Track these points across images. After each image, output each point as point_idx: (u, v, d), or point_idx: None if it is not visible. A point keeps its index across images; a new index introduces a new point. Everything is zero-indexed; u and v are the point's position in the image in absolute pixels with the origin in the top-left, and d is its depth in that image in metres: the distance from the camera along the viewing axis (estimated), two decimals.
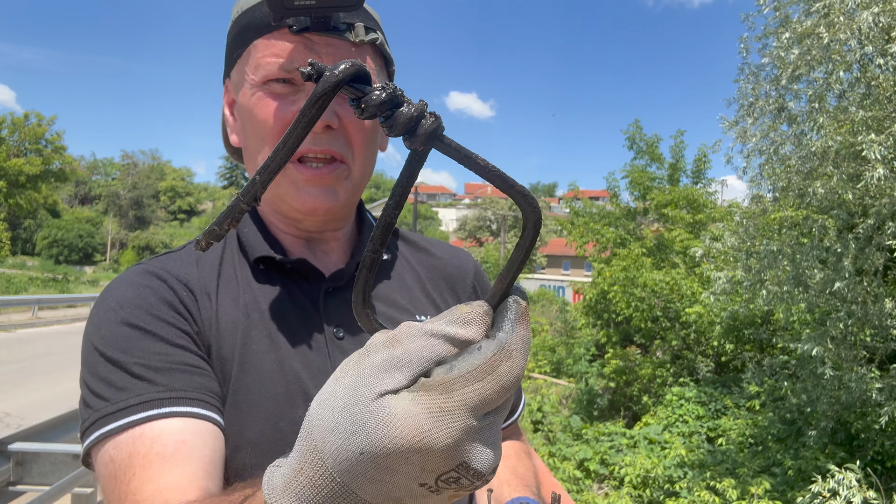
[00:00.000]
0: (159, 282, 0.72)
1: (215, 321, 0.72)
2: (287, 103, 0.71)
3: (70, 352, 12.03)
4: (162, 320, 0.68)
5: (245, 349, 0.72)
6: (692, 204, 10.88)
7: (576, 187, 13.10)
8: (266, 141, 0.72)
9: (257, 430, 0.69)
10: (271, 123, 0.71)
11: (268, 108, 0.71)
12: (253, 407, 0.69)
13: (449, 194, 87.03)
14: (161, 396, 0.62)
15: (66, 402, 7.27)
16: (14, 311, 17.53)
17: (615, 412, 10.07)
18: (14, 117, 26.74)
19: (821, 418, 5.25)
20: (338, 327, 0.76)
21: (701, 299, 8.95)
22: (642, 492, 6.29)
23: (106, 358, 0.65)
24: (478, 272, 0.94)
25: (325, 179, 0.73)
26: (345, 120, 0.73)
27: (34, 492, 2.78)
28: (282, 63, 0.70)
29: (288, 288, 0.77)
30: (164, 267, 0.75)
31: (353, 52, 0.71)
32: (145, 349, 0.65)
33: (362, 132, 0.74)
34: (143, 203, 64.25)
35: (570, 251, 12.94)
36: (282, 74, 0.70)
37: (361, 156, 0.75)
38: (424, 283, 0.87)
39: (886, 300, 4.42)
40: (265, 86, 0.72)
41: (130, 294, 0.70)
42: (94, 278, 38.17)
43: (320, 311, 0.76)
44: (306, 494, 0.37)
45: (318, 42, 0.69)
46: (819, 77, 4.61)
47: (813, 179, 4.53)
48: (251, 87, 0.73)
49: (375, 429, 0.35)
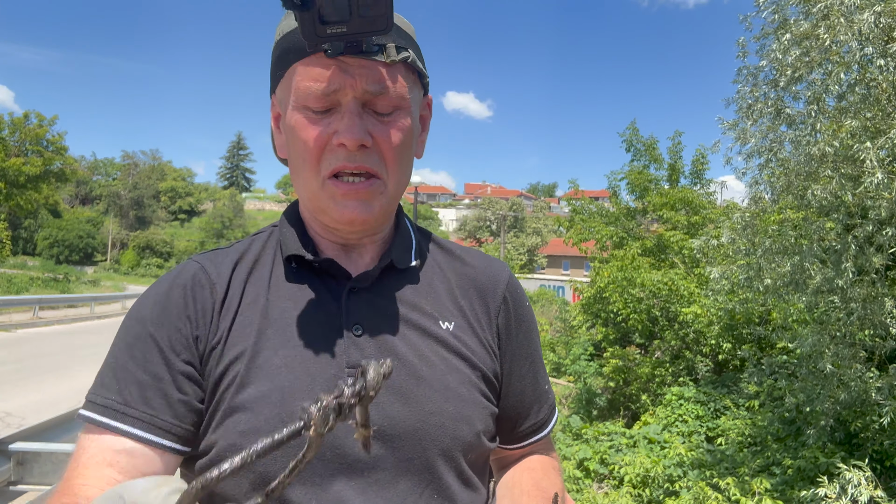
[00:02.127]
0: (187, 290, 0.80)
1: (231, 323, 0.79)
2: (324, 126, 0.75)
3: (71, 351, 12.04)
4: (162, 347, 0.76)
5: (256, 347, 0.77)
6: (689, 205, 10.89)
7: (576, 186, 13.10)
8: (307, 161, 0.77)
9: (260, 419, 0.73)
10: (311, 146, 0.76)
11: (307, 132, 0.76)
12: (255, 401, 0.74)
13: (449, 194, 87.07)
14: (122, 410, 0.74)
15: (67, 402, 7.28)
16: (15, 311, 17.55)
17: (615, 412, 10.09)
18: (14, 118, 26.74)
19: (820, 417, 5.26)
20: (357, 325, 0.79)
21: (697, 299, 8.97)
22: (642, 491, 6.30)
23: (111, 350, 0.79)
24: (511, 283, 0.94)
25: (361, 194, 0.77)
26: (378, 138, 0.76)
27: (35, 491, 2.79)
28: (319, 87, 0.73)
29: (316, 286, 0.82)
30: (206, 264, 0.84)
31: (385, 72, 0.74)
32: (130, 358, 0.76)
33: (396, 149, 0.78)
34: (144, 203, 64.29)
35: (569, 251, 12.96)
36: (319, 101, 0.75)
37: (396, 171, 0.79)
38: (454, 290, 0.88)
39: (886, 299, 4.43)
40: (304, 109, 0.76)
41: (150, 303, 0.80)
42: (94, 278, 38.18)
43: (342, 309, 0.80)
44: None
45: (352, 65, 0.73)
46: (818, 79, 4.61)
47: (812, 181, 4.53)
48: (292, 108, 0.77)
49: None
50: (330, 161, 0.75)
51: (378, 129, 0.75)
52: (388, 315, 0.81)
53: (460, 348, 0.83)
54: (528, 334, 0.93)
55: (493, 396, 0.86)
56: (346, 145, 0.73)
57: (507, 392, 0.89)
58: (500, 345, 0.89)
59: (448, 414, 0.78)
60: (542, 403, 0.94)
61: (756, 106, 4.96)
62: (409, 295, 0.84)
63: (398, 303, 0.83)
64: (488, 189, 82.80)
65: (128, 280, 46.33)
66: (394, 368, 0.73)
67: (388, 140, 0.76)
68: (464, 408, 0.80)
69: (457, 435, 0.78)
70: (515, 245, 48.14)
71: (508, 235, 42.74)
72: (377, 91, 0.74)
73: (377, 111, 0.76)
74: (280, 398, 0.74)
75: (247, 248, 0.87)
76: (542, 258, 47.95)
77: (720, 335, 8.60)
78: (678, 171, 11.72)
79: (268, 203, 75.93)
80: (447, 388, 0.79)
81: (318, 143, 0.75)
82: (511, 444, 0.93)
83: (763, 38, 5.01)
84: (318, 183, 0.77)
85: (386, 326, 0.80)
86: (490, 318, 0.88)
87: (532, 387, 0.92)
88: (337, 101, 0.74)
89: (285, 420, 0.73)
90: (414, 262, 0.87)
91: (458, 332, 0.84)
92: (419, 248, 0.90)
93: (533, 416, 0.92)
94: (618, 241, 11.22)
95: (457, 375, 0.81)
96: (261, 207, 73.94)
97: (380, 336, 0.79)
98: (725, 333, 8.60)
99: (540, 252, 48.18)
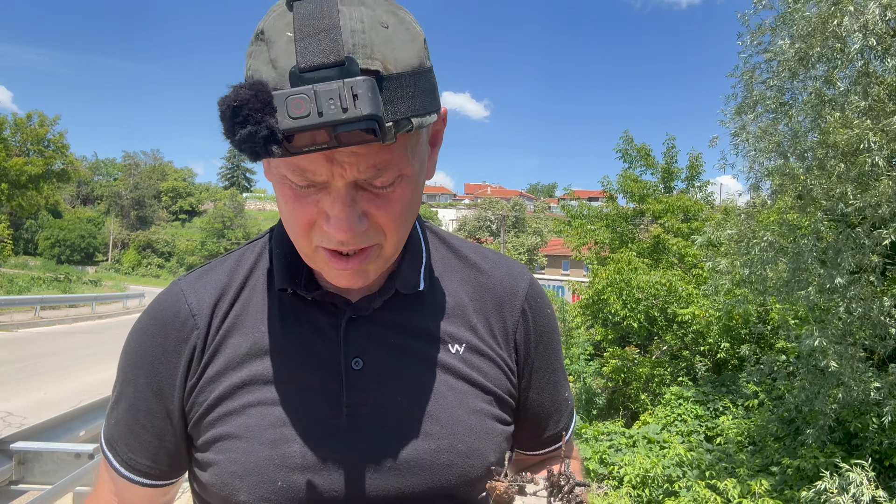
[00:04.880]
0: (168, 328, 0.77)
1: (214, 357, 0.76)
2: (311, 202, 0.63)
3: (72, 351, 12.06)
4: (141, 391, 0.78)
5: (247, 383, 0.73)
6: (687, 212, 10.95)
7: (571, 191, 13.31)
8: (294, 229, 0.67)
9: (251, 460, 0.71)
10: (299, 222, 0.65)
11: (291, 205, 0.65)
12: (247, 439, 0.72)
13: (449, 194, 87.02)
14: (113, 446, 0.80)
15: (68, 402, 7.29)
16: (16, 311, 17.57)
17: (614, 411, 10.10)
18: (17, 118, 26.78)
19: (819, 417, 5.26)
20: (357, 358, 0.74)
21: (695, 300, 8.99)
22: (641, 491, 6.30)
23: (116, 381, 0.82)
24: (531, 293, 0.86)
25: (356, 266, 0.67)
26: (375, 214, 0.64)
27: (36, 490, 2.79)
28: (299, 178, 0.61)
29: (312, 316, 0.76)
30: (188, 293, 0.79)
31: (382, 154, 0.60)
32: (120, 398, 0.80)
33: (396, 219, 0.66)
34: (145, 203, 64.31)
35: (569, 252, 12.97)
36: (303, 181, 0.62)
37: (396, 234, 0.68)
38: (466, 308, 0.82)
39: (885, 298, 4.43)
40: (286, 179, 0.63)
41: (134, 341, 0.80)
42: (95, 278, 38.21)
43: (340, 340, 0.74)
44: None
45: (340, 152, 0.58)
46: (819, 75, 4.60)
47: (812, 177, 4.53)
48: (273, 174, 0.65)
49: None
50: (321, 239, 0.65)
51: (375, 205, 0.64)
52: (391, 345, 0.75)
53: (470, 374, 0.77)
54: (548, 345, 0.87)
55: (510, 415, 0.82)
56: (338, 238, 0.63)
57: (525, 405, 0.85)
58: (519, 360, 0.83)
59: (458, 451, 0.74)
60: (561, 413, 0.90)
61: (754, 99, 4.95)
62: (414, 320, 0.78)
63: (402, 330, 0.77)
64: (488, 189, 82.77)
65: (129, 280, 46.36)
66: (398, 405, 0.74)
67: (388, 214, 0.65)
68: (475, 441, 0.75)
69: (466, 471, 0.74)
70: (515, 245, 48.12)
71: (508, 235, 42.69)
72: (372, 177, 0.61)
73: (374, 185, 0.62)
74: (272, 439, 0.71)
75: (235, 268, 0.80)
76: (542, 258, 47.93)
77: (719, 335, 8.62)
78: (673, 175, 11.81)
79: (268, 203, 75.90)
80: (457, 422, 0.75)
81: (307, 218, 0.65)
82: (530, 451, 0.91)
83: (761, 35, 5.00)
84: (311, 249, 0.67)
85: (389, 359, 0.75)
86: (507, 334, 0.83)
87: (552, 397, 0.88)
88: (325, 180, 0.61)
89: (277, 463, 0.70)
90: (422, 286, 0.79)
91: (467, 356, 0.78)
92: (429, 266, 0.82)
93: (552, 426, 0.89)
94: (616, 245, 11.29)
95: (467, 406, 0.76)
96: (261, 207, 73.94)
97: (381, 370, 0.74)
98: (724, 333, 8.62)
99: (540, 252, 48.16)
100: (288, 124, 0.51)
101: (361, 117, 0.51)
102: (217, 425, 0.73)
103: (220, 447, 0.72)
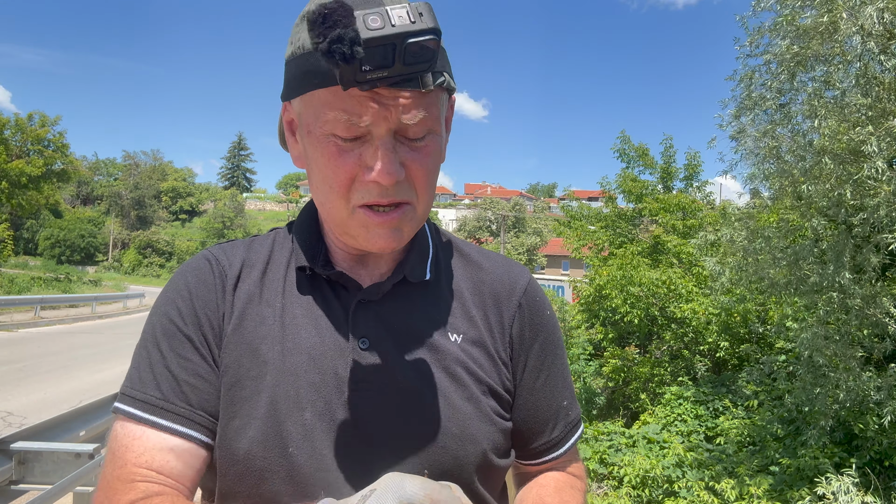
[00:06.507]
0: (206, 278, 0.81)
1: (243, 312, 0.80)
2: (353, 157, 0.70)
3: (72, 351, 12.06)
4: (187, 334, 0.78)
5: (266, 347, 0.77)
6: (685, 210, 10.97)
7: (570, 192, 13.37)
8: (334, 189, 0.72)
9: (258, 428, 0.74)
10: (340, 177, 0.71)
11: (335, 162, 0.71)
12: (261, 407, 0.75)
13: (449, 194, 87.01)
14: (163, 406, 0.75)
15: (68, 402, 7.29)
16: (17, 311, 17.59)
17: (614, 411, 10.10)
18: (18, 118, 26.78)
19: (819, 417, 5.26)
20: (363, 338, 0.78)
21: (696, 298, 8.99)
22: (641, 491, 6.31)
23: (143, 342, 0.80)
24: (529, 291, 0.90)
25: (394, 222, 0.74)
26: (411, 167, 0.72)
27: (36, 491, 2.79)
28: (349, 120, 0.68)
29: (326, 296, 0.81)
30: (219, 255, 0.85)
31: (421, 101, 0.69)
32: (165, 353, 0.77)
33: (427, 175, 0.74)
34: (145, 203, 64.32)
35: (568, 252, 12.99)
36: (348, 131, 0.69)
37: (426, 194, 0.76)
38: (466, 300, 0.86)
39: (884, 298, 4.43)
40: (331, 136, 0.70)
41: (174, 295, 0.81)
42: (96, 278, 38.21)
43: (349, 321, 0.79)
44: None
45: (386, 96, 0.67)
46: (818, 76, 4.60)
47: (811, 179, 4.52)
48: (317, 134, 0.71)
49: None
50: (361, 194, 0.71)
51: (410, 158, 0.71)
52: (395, 329, 0.80)
53: (467, 362, 0.81)
54: (544, 345, 0.88)
55: (505, 410, 0.84)
56: (382, 184, 0.70)
57: (517, 404, 0.86)
58: (513, 355, 0.86)
59: (452, 434, 0.77)
60: (557, 421, 0.89)
61: (752, 100, 4.95)
62: (419, 308, 0.83)
63: (407, 316, 0.81)
64: (488, 189, 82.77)
65: (129, 280, 46.37)
66: (398, 385, 0.76)
67: (421, 168, 0.73)
68: (469, 426, 0.78)
69: (460, 455, 0.77)
70: (515, 245, 48.13)
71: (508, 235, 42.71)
72: (412, 121, 0.69)
73: (409, 137, 0.71)
74: (285, 407, 0.74)
75: (259, 248, 0.87)
76: (541, 258, 47.94)
77: (718, 333, 8.63)
78: (672, 174, 11.83)
79: (269, 203, 75.96)
80: (452, 406, 0.78)
81: (348, 174, 0.71)
82: (527, 461, 0.91)
83: (759, 36, 5.00)
84: (348, 211, 0.73)
85: (392, 341, 0.79)
86: (504, 328, 0.86)
87: (546, 402, 0.88)
88: (368, 130, 0.69)
89: (290, 428, 0.74)
90: (428, 276, 0.85)
91: (465, 345, 0.82)
92: (435, 259, 0.87)
93: (546, 433, 0.88)
94: (617, 245, 11.32)
95: (463, 392, 0.79)
96: (261, 207, 73.97)
97: (384, 350, 0.78)
98: (723, 332, 8.62)
99: (539, 252, 48.17)
100: (367, 34, 0.58)
101: (428, 28, 0.60)
102: (234, 387, 0.76)
103: (232, 411, 0.75)
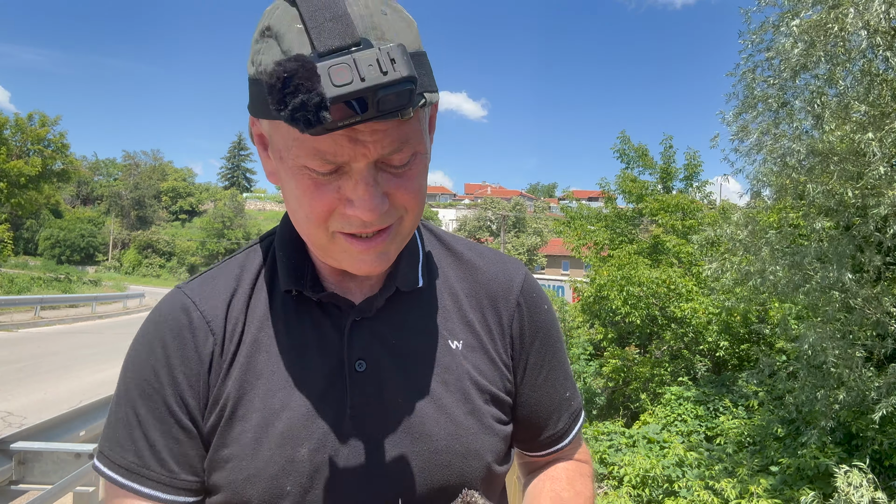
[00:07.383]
0: (184, 335, 0.76)
1: (230, 364, 0.76)
2: (332, 189, 0.64)
3: (72, 352, 12.06)
4: (163, 397, 0.74)
5: (256, 387, 0.74)
6: (684, 210, 10.97)
7: (570, 192, 13.42)
8: (311, 219, 0.66)
9: (260, 463, 0.72)
10: (318, 211, 0.65)
11: (310, 195, 0.64)
12: (255, 443, 0.73)
13: (449, 194, 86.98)
14: (140, 473, 0.73)
15: (68, 402, 7.29)
16: (16, 311, 17.59)
17: (614, 411, 10.10)
18: (18, 118, 26.78)
19: (819, 417, 5.25)
20: (360, 360, 0.75)
21: (696, 297, 8.99)
22: (641, 491, 6.31)
23: (118, 399, 0.76)
24: (526, 287, 0.87)
25: (379, 247, 0.68)
26: (395, 194, 0.66)
27: (36, 490, 2.79)
28: (322, 159, 0.61)
29: (317, 318, 0.77)
30: (198, 300, 0.78)
31: (401, 130, 0.62)
32: (142, 418, 0.74)
33: (416, 195, 0.68)
34: (145, 203, 64.29)
35: (569, 252, 13.00)
36: (324, 167, 0.62)
37: (413, 211, 0.69)
38: (461, 304, 0.83)
39: (884, 298, 4.43)
40: (305, 169, 0.63)
41: (147, 355, 0.76)
42: (96, 278, 38.23)
43: (344, 343, 0.75)
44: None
45: (362, 132, 0.59)
46: (821, 74, 4.58)
47: (812, 178, 4.51)
48: (290, 164, 0.64)
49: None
50: (342, 224, 0.65)
51: (395, 185, 0.65)
52: (393, 346, 0.77)
53: (469, 372, 0.79)
54: (545, 341, 0.86)
55: (506, 414, 0.83)
56: (363, 219, 0.64)
57: (521, 402, 0.85)
58: (514, 354, 0.84)
59: (456, 452, 0.75)
60: (561, 413, 0.89)
61: (756, 99, 4.94)
62: (415, 318, 0.80)
63: (404, 329, 0.78)
64: (488, 189, 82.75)
65: (129, 280, 46.39)
66: (399, 406, 0.75)
67: (408, 193, 0.67)
68: (472, 441, 0.77)
69: (464, 471, 0.76)
70: (515, 245, 48.14)
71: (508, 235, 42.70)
72: (393, 152, 0.62)
73: (392, 164, 0.64)
74: (280, 441, 0.72)
75: (241, 272, 0.80)
76: (541, 258, 47.94)
77: (718, 332, 8.63)
78: (672, 175, 11.84)
79: (269, 203, 75.91)
80: (455, 423, 0.76)
81: (327, 207, 0.65)
82: (534, 452, 0.91)
83: (763, 32, 4.98)
84: (328, 237, 0.67)
85: (390, 360, 0.76)
86: (503, 328, 0.83)
87: (549, 396, 0.87)
88: (346, 162, 0.61)
89: (285, 467, 0.72)
90: (420, 283, 0.81)
91: (466, 352, 0.80)
92: (427, 263, 0.84)
93: (551, 426, 0.88)
94: (616, 245, 11.33)
95: (465, 406, 0.77)
96: (262, 207, 73.94)
97: (383, 371, 0.75)
98: (723, 332, 8.62)
99: (540, 252, 48.17)
100: (333, 92, 0.52)
101: (402, 79, 0.53)
102: (227, 430, 0.74)
103: (230, 453, 0.73)
